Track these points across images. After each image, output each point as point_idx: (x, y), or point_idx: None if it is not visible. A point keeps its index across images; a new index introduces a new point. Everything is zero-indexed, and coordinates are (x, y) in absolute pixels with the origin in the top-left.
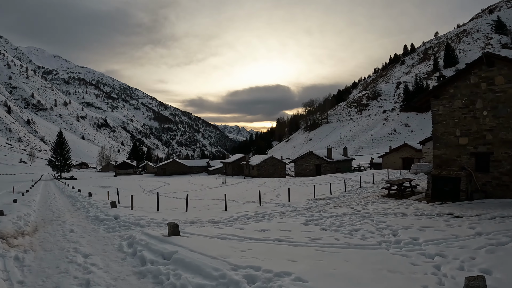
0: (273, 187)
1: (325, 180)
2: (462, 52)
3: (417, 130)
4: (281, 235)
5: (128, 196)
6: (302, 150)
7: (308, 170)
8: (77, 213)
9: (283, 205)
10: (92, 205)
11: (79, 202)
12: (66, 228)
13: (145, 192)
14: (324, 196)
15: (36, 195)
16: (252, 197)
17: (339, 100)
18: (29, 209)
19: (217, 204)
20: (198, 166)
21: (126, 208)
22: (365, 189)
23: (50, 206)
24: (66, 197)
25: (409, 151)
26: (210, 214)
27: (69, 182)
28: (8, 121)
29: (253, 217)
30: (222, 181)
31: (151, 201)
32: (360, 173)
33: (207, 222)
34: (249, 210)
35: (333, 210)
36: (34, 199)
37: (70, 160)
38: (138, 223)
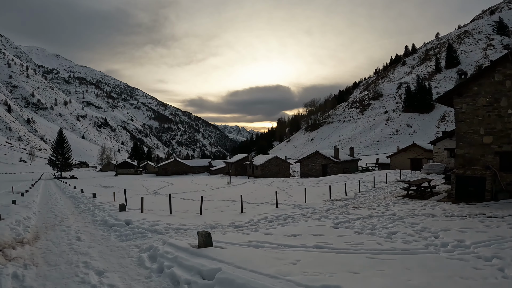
0: (281, 187)
1: (335, 180)
2: (464, 53)
3: (419, 130)
4: (318, 241)
5: (133, 197)
6: (303, 150)
7: (314, 170)
8: (82, 216)
9: (300, 207)
10: (98, 207)
11: (82, 203)
12: (72, 235)
13: (149, 192)
14: (340, 197)
15: (36, 195)
16: (263, 198)
17: (340, 100)
18: (29, 212)
19: (229, 205)
20: (200, 166)
21: (136, 211)
22: (379, 190)
23: (52, 208)
24: (68, 198)
25: (418, 151)
26: (227, 217)
27: (70, 182)
28: (8, 120)
29: (275, 220)
30: (227, 181)
31: (160, 202)
32: (369, 173)
33: (228, 226)
34: (266, 212)
35: (355, 211)
36: (34, 200)
37: (70, 159)
38: (155, 230)
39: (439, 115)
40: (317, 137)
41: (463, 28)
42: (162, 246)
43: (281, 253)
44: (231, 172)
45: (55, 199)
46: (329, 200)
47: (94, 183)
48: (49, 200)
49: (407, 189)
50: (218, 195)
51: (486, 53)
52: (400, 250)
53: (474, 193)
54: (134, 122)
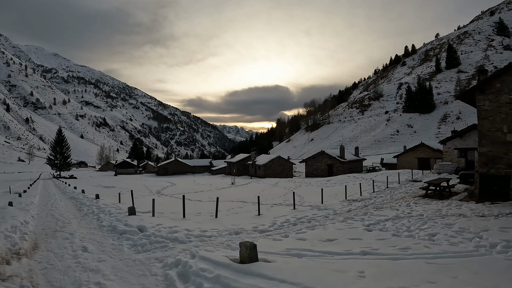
0: (289, 187)
1: (344, 180)
2: (464, 54)
3: (420, 131)
4: (360, 246)
5: (137, 197)
6: (303, 151)
7: (319, 170)
8: (86, 220)
9: (318, 208)
10: (103, 210)
11: (85, 205)
12: (77, 244)
13: (152, 193)
14: (355, 198)
15: (35, 196)
16: (273, 198)
17: (340, 100)
18: (27, 215)
19: (241, 207)
20: (200, 165)
21: (146, 215)
22: (393, 190)
23: (52, 211)
24: (69, 199)
25: (426, 151)
26: (246, 220)
27: (69, 182)
28: (6, 119)
29: (299, 223)
30: (231, 181)
31: (167, 204)
32: (378, 173)
33: (252, 231)
34: (285, 214)
35: (379, 212)
36: (32, 202)
37: (69, 158)
38: (175, 238)
39: (440, 115)
40: (317, 137)
41: (463, 28)
42: (193, 261)
43: (334, 263)
44: (233, 172)
45: (55, 200)
46: (345, 200)
47: (94, 183)
48: (49, 201)
49: (426, 188)
50: (225, 196)
51: (486, 53)
52: (452, 253)
53: (498, 192)
54: (133, 122)
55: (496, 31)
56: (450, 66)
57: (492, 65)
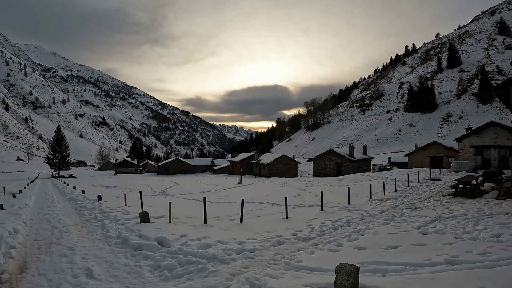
0: (300, 187)
1: (358, 179)
2: (465, 53)
3: (422, 130)
4: (435, 253)
5: (138, 198)
6: (304, 150)
7: (328, 169)
8: (88, 229)
9: (347, 209)
10: (107, 215)
11: (86, 209)
12: (78, 265)
13: (156, 193)
14: (379, 197)
15: (30, 197)
16: (290, 199)
17: (341, 100)
18: (18, 221)
19: (260, 209)
20: (202, 165)
21: (160, 221)
22: (416, 189)
23: (48, 215)
24: (68, 201)
25: (438, 149)
26: (276, 224)
27: (68, 181)
28: (5, 118)
29: (340, 227)
30: (238, 181)
31: (178, 206)
32: (393, 172)
33: (295, 239)
34: (316, 216)
35: (417, 213)
36: (26, 204)
37: (68, 157)
38: (212, 256)
39: (442, 114)
40: (318, 136)
41: (464, 28)
42: None
43: (437, 280)
44: (236, 171)
45: (52, 202)
46: (371, 200)
47: (94, 182)
48: (45, 203)
49: (456, 187)
50: (236, 196)
51: (488, 53)
52: None
53: None
54: (133, 121)
55: (497, 31)
56: (452, 65)
57: (494, 64)
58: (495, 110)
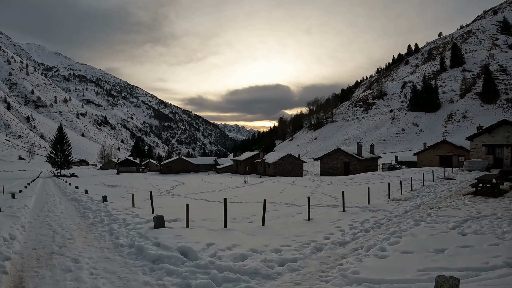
0: (310, 186)
1: (370, 178)
2: (469, 52)
3: (426, 129)
4: (489, 256)
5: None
6: (307, 149)
7: (335, 169)
8: (94, 234)
9: (369, 209)
10: (115, 218)
11: (90, 211)
12: (86, 283)
13: (162, 193)
14: (397, 197)
15: (31, 197)
16: (303, 199)
17: (343, 99)
18: (15, 225)
19: (277, 209)
20: (205, 164)
21: (176, 225)
22: (432, 188)
23: (49, 218)
24: (70, 201)
25: (448, 148)
26: (302, 227)
27: (70, 180)
28: (7, 117)
29: (372, 230)
30: (244, 180)
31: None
32: (403, 171)
33: (331, 244)
34: (340, 217)
35: (443, 213)
36: (26, 205)
37: (70, 156)
38: (254, 271)
39: (445, 114)
40: (321, 135)
41: (466, 27)
42: None
43: None
44: (240, 170)
45: (53, 202)
46: (390, 200)
47: (96, 181)
48: (46, 204)
49: (476, 185)
50: (244, 196)
51: (491, 52)
52: None
53: None
54: (134, 120)
55: (500, 30)
56: (455, 65)
57: (498, 64)
58: (499, 110)
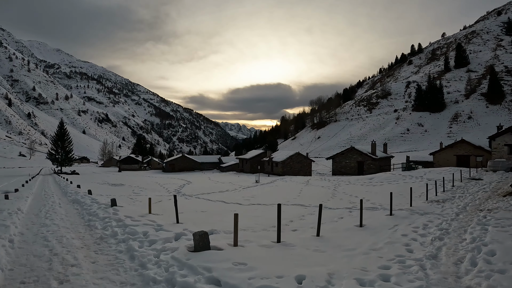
0: (327, 187)
1: (390, 179)
2: (473, 53)
3: (431, 130)
4: None
5: (161, 201)
6: (310, 148)
7: (348, 168)
8: (107, 256)
9: (418, 212)
10: (132, 231)
11: (97, 218)
12: None
13: (170, 192)
14: (434, 198)
15: (27, 198)
16: (329, 201)
17: (346, 98)
18: (2, 239)
19: (311, 213)
20: (209, 162)
21: (217, 240)
22: (464, 189)
23: (45, 228)
24: (71, 204)
25: (466, 148)
26: (366, 237)
27: (71, 178)
28: (8, 114)
29: (445, 237)
30: (255, 179)
31: (210, 213)
32: (425, 171)
33: (435, 261)
34: (395, 223)
35: (499, 215)
36: (19, 208)
37: (71, 153)
38: None
39: (450, 114)
40: (324, 135)
41: (470, 28)
42: None
43: None
44: (246, 169)
45: (52, 205)
46: (429, 202)
47: (98, 180)
48: (43, 207)
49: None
50: (262, 197)
51: (496, 53)
52: None
53: None
54: (135, 118)
55: (504, 31)
56: (459, 65)
57: (503, 64)
58: (504, 111)
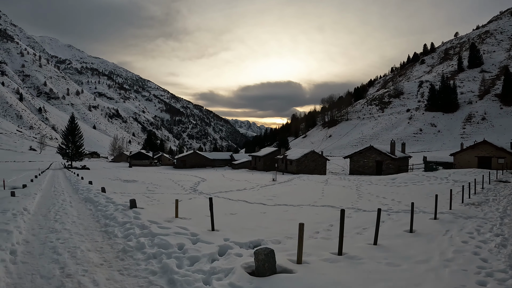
0: (349, 186)
1: (413, 179)
2: (487, 53)
3: (444, 130)
4: None
5: (182, 201)
6: (321, 147)
7: (366, 167)
8: (136, 279)
9: (461, 216)
10: (163, 243)
11: (116, 223)
12: None
13: (186, 190)
14: (470, 201)
15: (35, 195)
16: (357, 202)
17: (357, 97)
18: (2, 250)
19: (350, 215)
20: (220, 159)
21: (284, 261)
22: (495, 191)
23: (55, 235)
24: (84, 203)
25: (488, 149)
26: (425, 248)
27: (82, 173)
28: (19, 108)
29: (508, 244)
30: (272, 177)
31: (239, 215)
32: (450, 172)
33: None
34: (446, 228)
35: None
36: (26, 208)
37: (82, 148)
38: None
39: (464, 115)
40: (336, 133)
41: (483, 28)
42: None
43: None
44: (259, 166)
45: (62, 204)
46: (464, 204)
47: (110, 175)
48: (53, 206)
49: None
50: (286, 197)
51: (510, 54)
52: None
53: None
54: (146, 114)
55: None
56: (473, 65)
57: None
58: None
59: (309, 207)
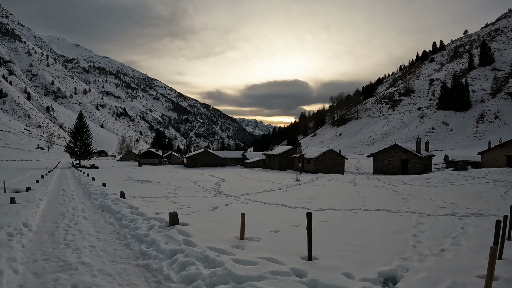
0: (381, 186)
1: (450, 179)
2: (497, 51)
3: (457, 129)
4: None
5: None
6: (331, 145)
7: (391, 167)
8: None
9: None
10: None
11: (159, 252)
12: None
13: (210, 193)
14: None
15: (40, 201)
16: (404, 204)
17: (366, 96)
18: None
19: (422, 222)
20: (232, 158)
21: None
22: None
23: (67, 273)
24: (101, 214)
25: None
26: None
27: (91, 173)
28: (27, 107)
29: None
30: (296, 177)
31: (293, 228)
32: (483, 172)
33: None
34: None
35: None
36: (26, 223)
37: (90, 146)
38: None
39: (476, 114)
40: (346, 132)
41: (493, 25)
42: None
43: None
44: (273, 165)
45: (73, 215)
46: None
47: (121, 175)
48: (62, 218)
49: None
50: (324, 201)
51: None
52: None
53: None
54: (153, 113)
55: None
56: (484, 63)
57: None
58: None
59: (366, 212)
